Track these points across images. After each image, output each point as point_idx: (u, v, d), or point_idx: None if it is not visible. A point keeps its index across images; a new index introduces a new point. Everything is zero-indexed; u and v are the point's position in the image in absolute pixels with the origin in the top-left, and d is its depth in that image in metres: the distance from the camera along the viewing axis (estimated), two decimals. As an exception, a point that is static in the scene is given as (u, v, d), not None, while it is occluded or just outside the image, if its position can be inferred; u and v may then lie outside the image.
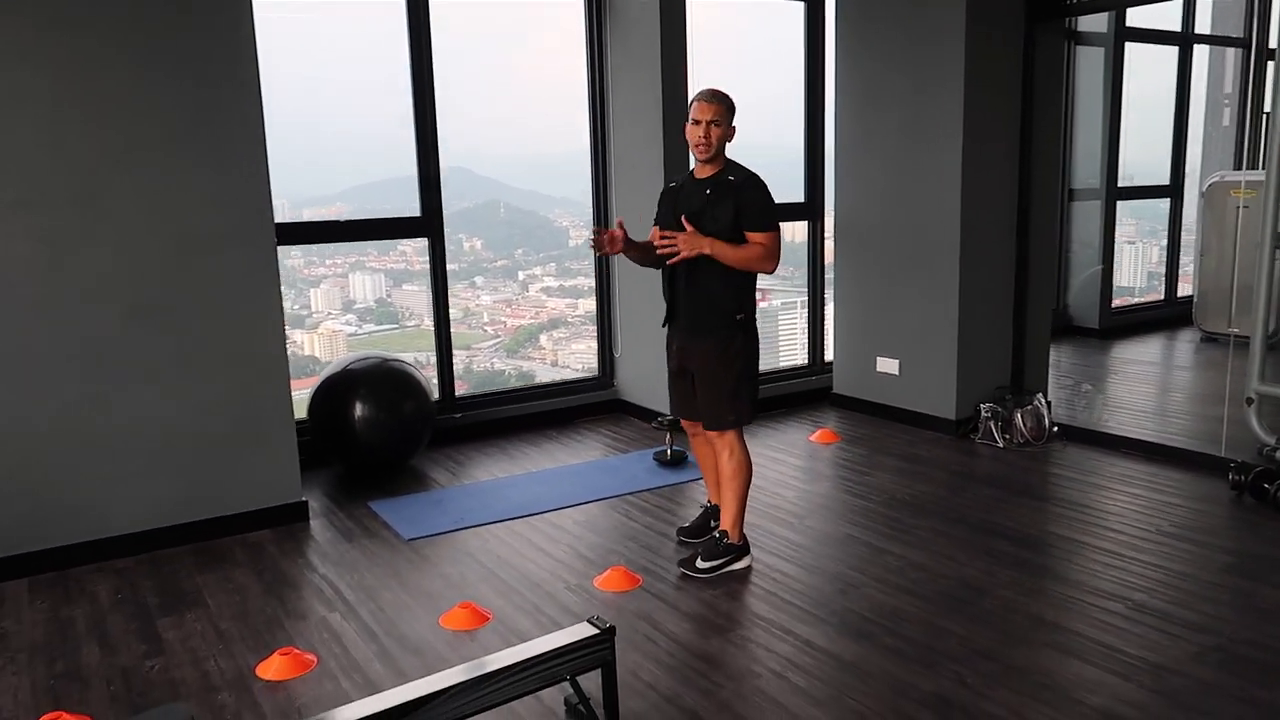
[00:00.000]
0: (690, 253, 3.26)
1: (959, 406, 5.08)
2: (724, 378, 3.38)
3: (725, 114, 3.31)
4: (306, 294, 5.58)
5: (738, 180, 3.33)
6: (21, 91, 3.35)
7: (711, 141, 3.30)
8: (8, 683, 2.79)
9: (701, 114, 3.30)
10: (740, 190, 3.31)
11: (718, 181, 3.34)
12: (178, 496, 3.77)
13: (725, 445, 3.44)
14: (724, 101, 3.32)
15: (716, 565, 3.40)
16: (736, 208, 3.30)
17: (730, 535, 3.45)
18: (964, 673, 2.70)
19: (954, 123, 4.85)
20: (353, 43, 5.02)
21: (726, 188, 3.32)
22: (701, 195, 3.36)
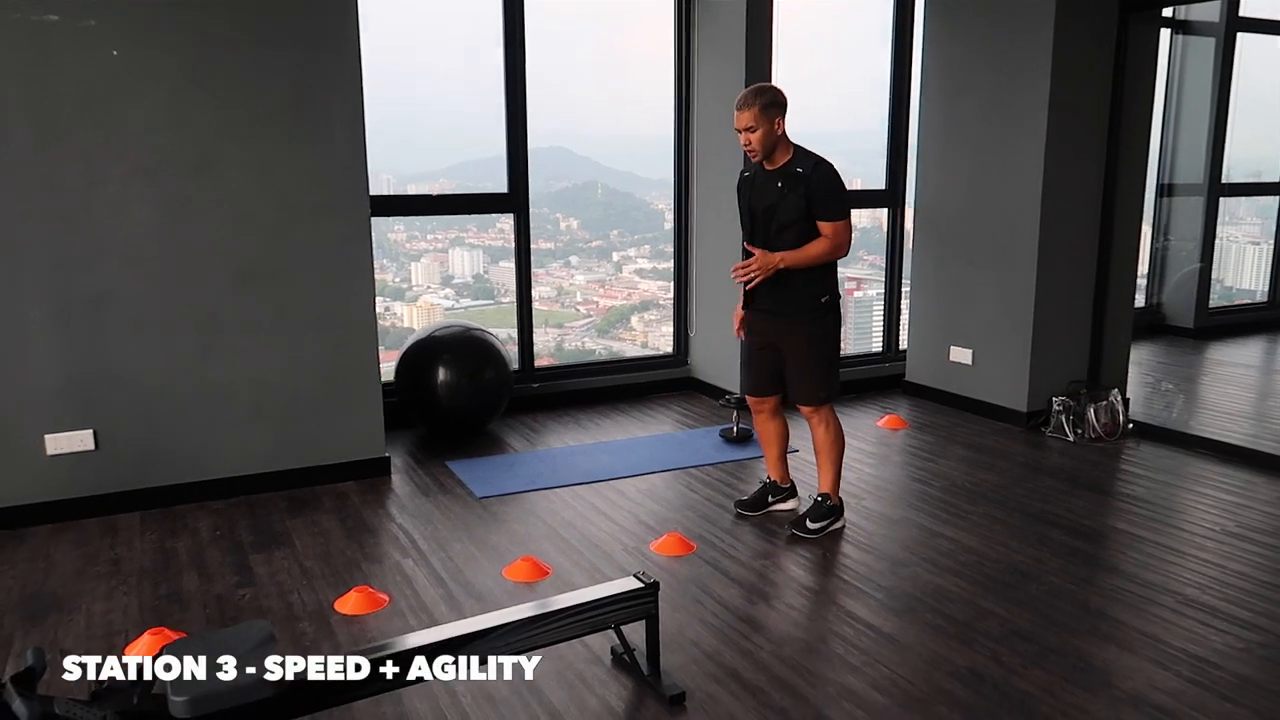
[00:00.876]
0: (768, 274, 3.41)
1: (1031, 399, 5.06)
2: (815, 358, 3.53)
3: (761, 116, 3.33)
4: (408, 267, 5.85)
5: (806, 170, 3.39)
6: (151, 69, 3.66)
7: (756, 147, 3.37)
8: (119, 600, 3.11)
9: (738, 123, 3.37)
10: (810, 181, 3.38)
11: (787, 173, 3.42)
12: (272, 446, 4.07)
13: (820, 420, 3.63)
14: (756, 103, 3.33)
15: (824, 525, 3.63)
16: (808, 198, 3.37)
17: (832, 497, 3.67)
18: (1000, 651, 2.77)
19: (1039, 113, 4.81)
20: (462, 26, 5.23)
21: (797, 179, 3.39)
22: (773, 188, 3.44)
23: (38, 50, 3.50)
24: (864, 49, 6.02)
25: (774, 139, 3.38)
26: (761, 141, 3.37)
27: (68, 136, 3.58)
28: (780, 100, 3.39)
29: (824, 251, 3.41)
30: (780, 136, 3.40)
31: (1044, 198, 4.85)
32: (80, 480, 3.79)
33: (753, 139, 3.36)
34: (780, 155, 3.43)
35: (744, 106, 3.35)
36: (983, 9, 5.11)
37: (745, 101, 3.35)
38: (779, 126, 3.38)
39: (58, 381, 3.69)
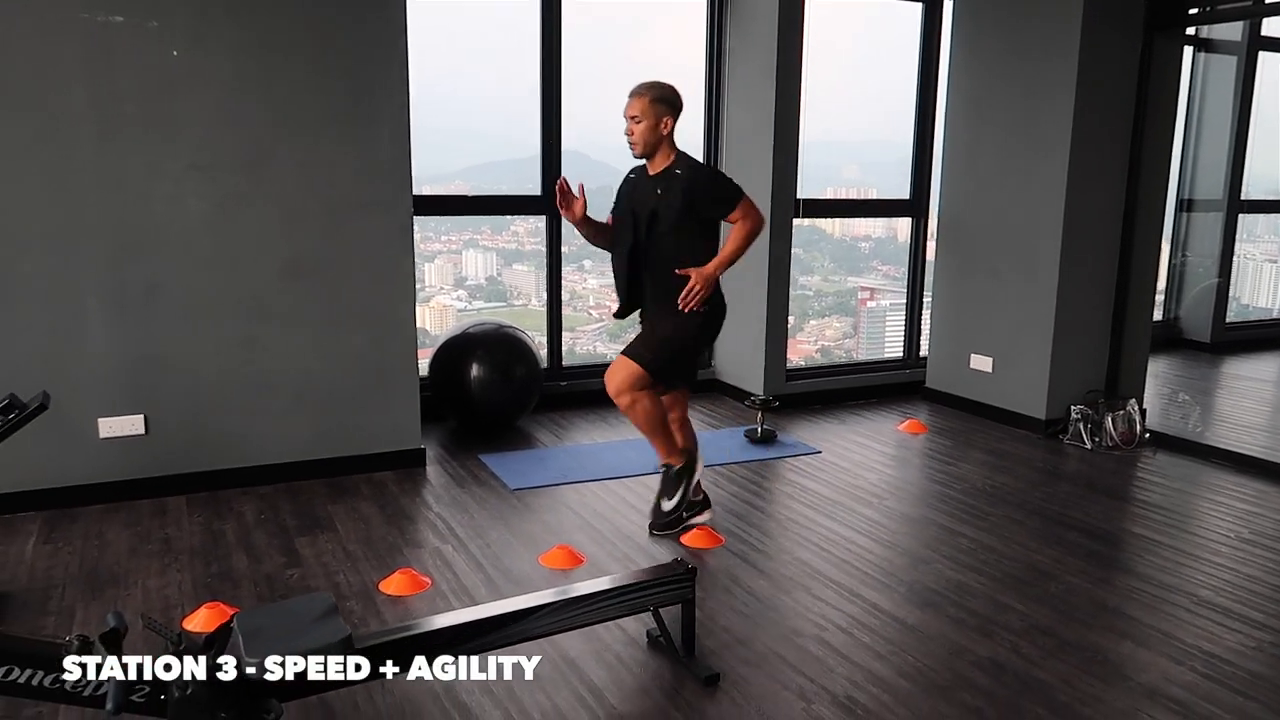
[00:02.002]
0: (710, 285, 3.41)
1: (1050, 407, 5.16)
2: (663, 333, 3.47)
3: (650, 108, 3.24)
4: (421, 268, 5.96)
5: (684, 172, 3.31)
6: (209, 69, 3.81)
7: (637, 139, 3.28)
8: (173, 577, 3.26)
9: (626, 110, 3.27)
10: (689, 181, 3.29)
11: (666, 177, 3.33)
12: (314, 435, 4.21)
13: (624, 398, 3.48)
14: (648, 94, 3.24)
15: (680, 494, 3.60)
16: (689, 199, 3.29)
17: (675, 461, 3.60)
18: (1020, 644, 2.89)
19: (1063, 128, 4.92)
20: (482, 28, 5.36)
21: (674, 181, 3.32)
22: (653, 194, 3.36)
23: (103, 49, 3.65)
24: (891, 59, 6.14)
25: (658, 136, 3.29)
26: (644, 135, 3.28)
27: (128, 132, 3.73)
28: (673, 99, 3.30)
29: (745, 236, 3.35)
30: (665, 137, 3.31)
31: (1066, 210, 4.96)
32: (131, 463, 3.93)
33: (636, 130, 3.27)
34: (662, 159, 3.35)
35: (635, 94, 3.26)
36: (1010, 23, 5.23)
37: (637, 89, 3.27)
38: (665, 126, 3.29)
39: (112, 367, 3.84)
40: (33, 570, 3.28)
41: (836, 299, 6.90)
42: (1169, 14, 4.93)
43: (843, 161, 6.64)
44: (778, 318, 5.51)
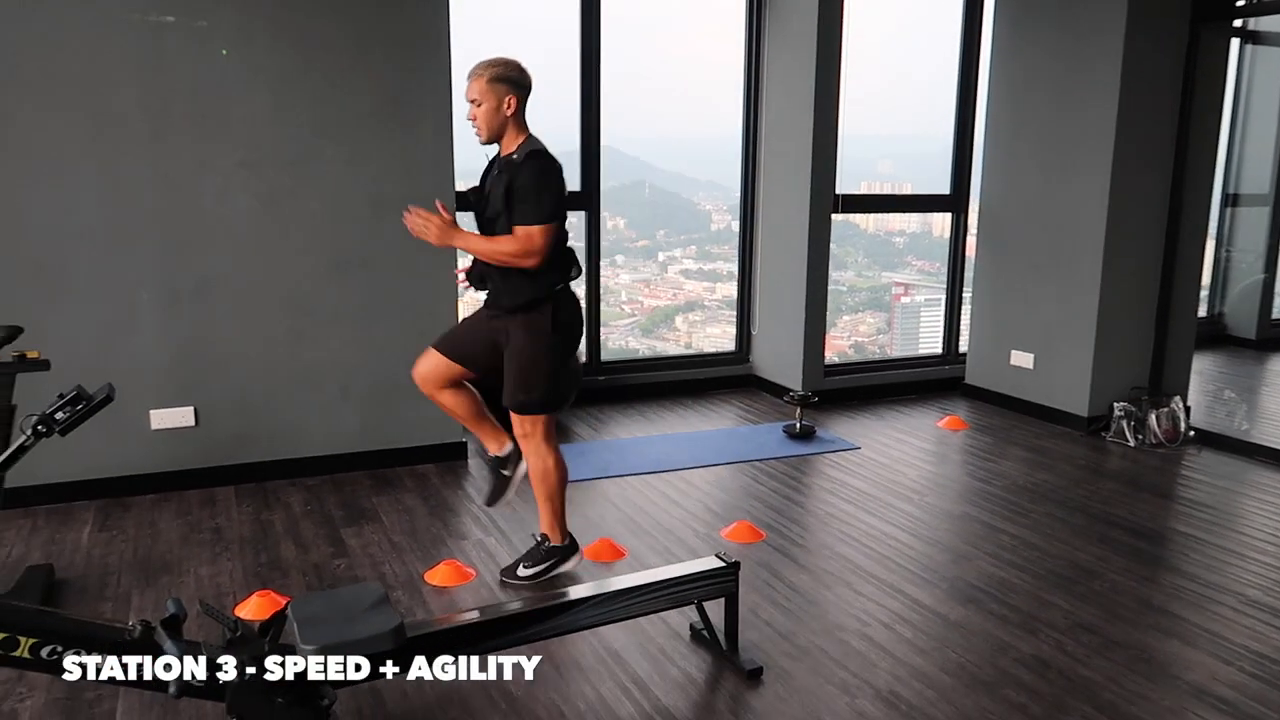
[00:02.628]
0: (439, 243, 3.01)
1: (1092, 404, 5.11)
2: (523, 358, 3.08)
3: (489, 89, 2.90)
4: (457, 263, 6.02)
5: (519, 158, 2.95)
6: (256, 67, 3.88)
7: (480, 124, 2.95)
8: (224, 566, 3.33)
9: (466, 94, 2.96)
10: (516, 171, 2.93)
11: (506, 161, 2.99)
12: (358, 428, 4.28)
13: (529, 447, 3.19)
14: (485, 74, 2.92)
15: (541, 570, 3.22)
16: (508, 191, 2.93)
17: (551, 537, 3.24)
18: (1065, 641, 2.87)
19: (1107, 121, 4.87)
20: (522, 22, 5.39)
21: (507, 165, 2.98)
22: (494, 175, 3.05)
23: (155, 49, 3.73)
24: (930, 52, 6.11)
25: (501, 119, 2.94)
26: (486, 119, 2.93)
27: (178, 130, 3.81)
28: (515, 77, 2.95)
29: (507, 253, 2.94)
30: (509, 118, 2.96)
31: (1110, 204, 4.91)
32: (181, 454, 4.02)
33: (477, 114, 2.94)
34: (510, 142, 2.99)
35: (472, 76, 2.93)
36: (1053, 18, 5.17)
37: (474, 71, 2.94)
38: (509, 106, 2.93)
39: (163, 360, 3.93)
40: (89, 557, 3.37)
41: (870, 294, 6.87)
42: (1216, 6, 4.85)
43: (877, 155, 6.61)
44: (816, 314, 5.50)
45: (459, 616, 2.47)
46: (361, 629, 2.13)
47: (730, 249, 6.12)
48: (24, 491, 3.66)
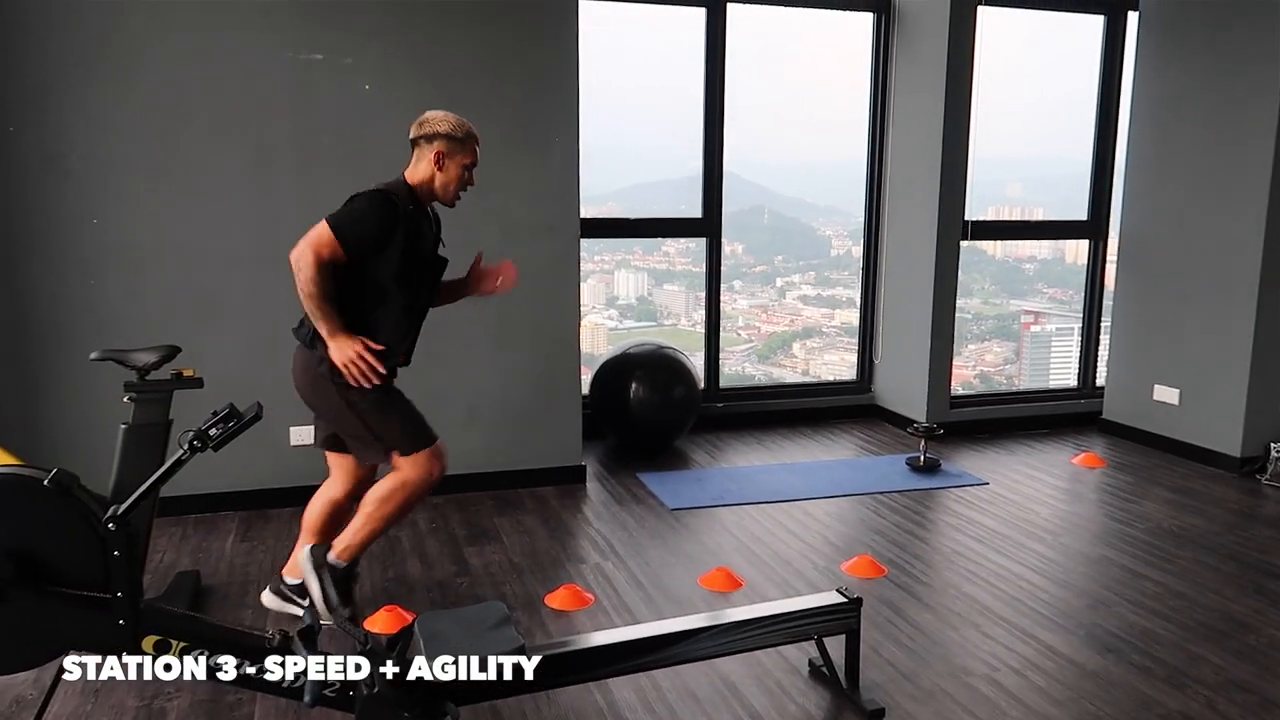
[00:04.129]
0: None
1: (1245, 443, 4.78)
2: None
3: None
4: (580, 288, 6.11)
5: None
6: (396, 100, 4.06)
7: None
8: (354, 579, 3.45)
9: (476, 157, 3.17)
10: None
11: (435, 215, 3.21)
12: (481, 449, 4.38)
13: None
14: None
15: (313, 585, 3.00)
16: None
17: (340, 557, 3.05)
18: (1216, 699, 2.68)
19: (1265, 140, 4.57)
20: (644, 54, 5.47)
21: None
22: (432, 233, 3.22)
23: (304, 84, 3.96)
24: (1064, 72, 5.89)
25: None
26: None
27: (324, 161, 4.02)
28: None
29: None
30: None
31: (1267, 232, 4.60)
32: (317, 470, 4.17)
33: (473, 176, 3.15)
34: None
35: (478, 141, 3.12)
36: (1202, 33, 4.91)
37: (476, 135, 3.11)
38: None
39: (303, 380, 4.12)
40: (232, 565, 3.56)
41: (997, 322, 6.64)
42: (1391, 18, 4.51)
43: (1006, 178, 6.40)
44: (942, 343, 5.34)
45: (578, 640, 2.49)
46: (485, 647, 2.18)
47: (850, 275, 6.03)
48: (175, 501, 3.90)
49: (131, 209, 3.87)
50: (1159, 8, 5.17)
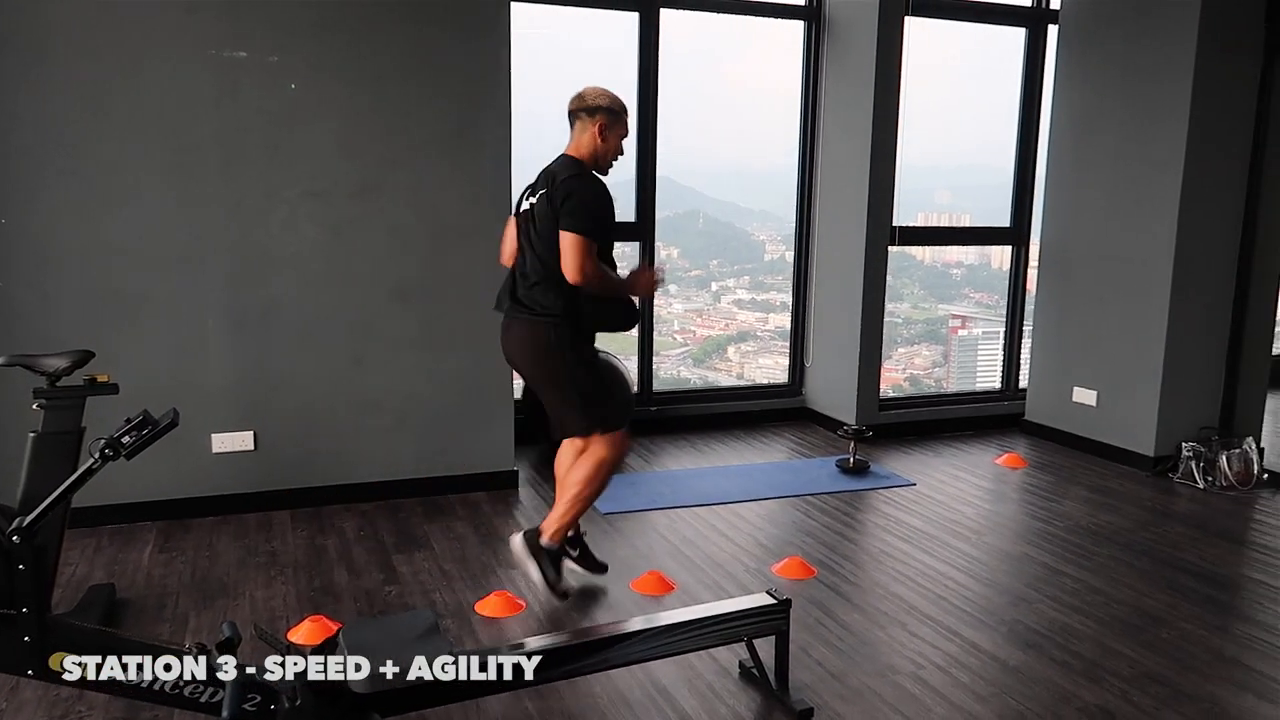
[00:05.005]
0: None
1: (1159, 443, 4.96)
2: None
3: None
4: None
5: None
6: (324, 101, 3.99)
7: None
8: (278, 589, 3.37)
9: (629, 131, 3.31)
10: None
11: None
12: (413, 454, 4.32)
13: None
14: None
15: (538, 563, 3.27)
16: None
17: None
18: (1130, 691, 2.77)
19: (1176, 151, 4.76)
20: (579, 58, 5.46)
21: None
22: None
23: (229, 83, 3.86)
24: (990, 83, 6.05)
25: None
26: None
27: (249, 161, 3.93)
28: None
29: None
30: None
31: (1179, 239, 4.78)
32: (240, 477, 4.10)
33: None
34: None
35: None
36: (1119, 46, 5.09)
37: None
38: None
39: (227, 384, 4.02)
40: (149, 578, 3.45)
41: (926, 326, 6.78)
42: (1291, 36, 4.73)
43: (935, 186, 6.55)
44: (871, 347, 5.43)
45: (506, 648, 2.46)
46: (411, 657, 2.14)
47: (783, 279, 6.09)
48: (89, 511, 3.77)
49: (43, 208, 3.72)
50: (1077, 23, 5.35)
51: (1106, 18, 5.16)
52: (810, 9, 5.58)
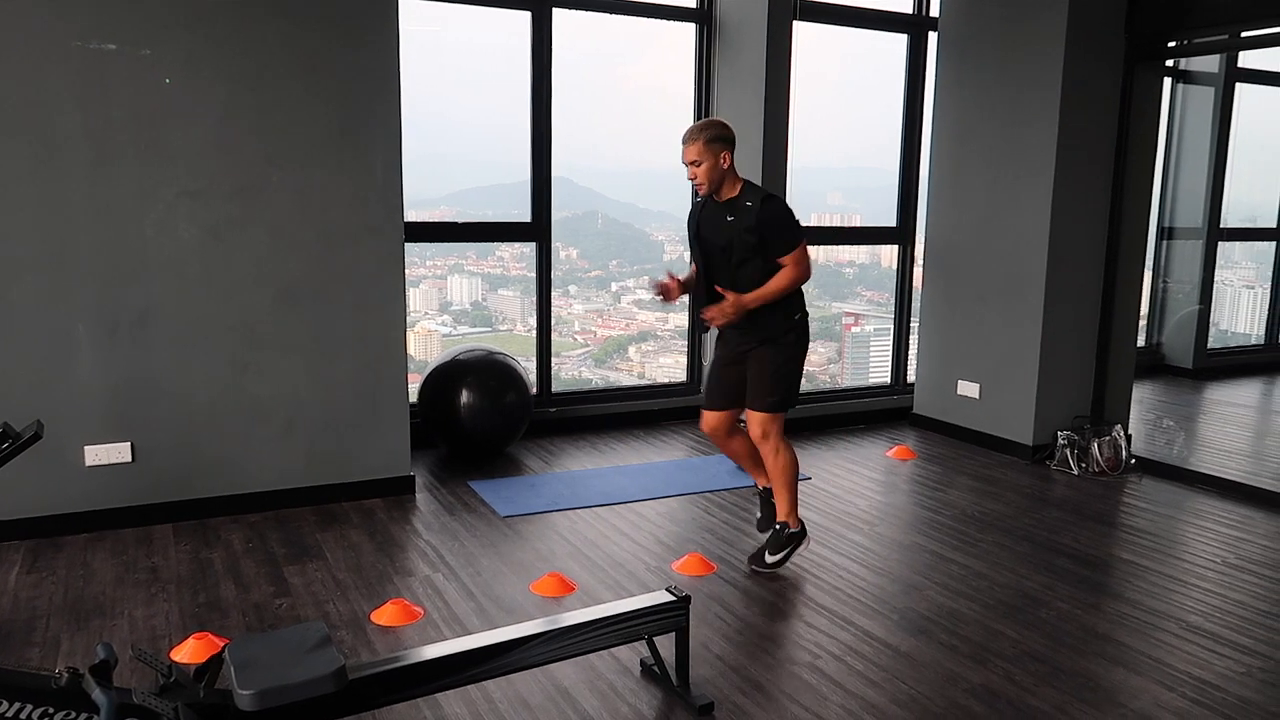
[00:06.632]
0: (738, 317, 3.46)
1: (1036, 433, 5.20)
2: (774, 366, 3.55)
3: (705, 149, 3.36)
4: (406, 293, 5.96)
5: (755, 204, 3.41)
6: (201, 97, 3.83)
7: (702, 180, 3.41)
8: (160, 607, 3.22)
9: (685, 156, 3.41)
10: (760, 215, 3.39)
11: (737, 207, 3.44)
12: (303, 462, 4.19)
13: (770, 446, 3.58)
14: (701, 137, 3.37)
15: (785, 554, 3.62)
16: (760, 233, 3.40)
17: (791, 524, 3.64)
18: (1013, 671, 2.89)
19: (1047, 156, 5.00)
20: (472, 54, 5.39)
21: (746, 212, 3.42)
22: (724, 221, 3.48)
23: (97, 77, 3.66)
24: (877, 87, 6.22)
25: (720, 173, 3.41)
26: (708, 175, 3.40)
27: (121, 159, 3.74)
28: (727, 135, 3.42)
29: (787, 284, 3.46)
30: (727, 170, 3.43)
31: (1051, 238, 5.03)
32: (116, 491, 3.90)
33: (699, 173, 3.40)
34: (728, 189, 3.46)
35: (690, 140, 3.39)
36: (993, 54, 5.31)
37: (691, 135, 3.39)
38: (725, 160, 3.40)
39: (100, 394, 3.82)
40: (16, 600, 3.24)
41: (821, 325, 6.93)
42: (1149, 46, 5.02)
43: (827, 188, 6.71)
44: (766, 344, 5.52)
45: (404, 656, 2.41)
46: (301, 672, 2.07)
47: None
48: (-51, 532, 3.53)
49: (-111, 208, 3.47)
50: (954, 31, 5.56)
51: (980, 26, 5.39)
52: (701, 12, 5.65)
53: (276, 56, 3.92)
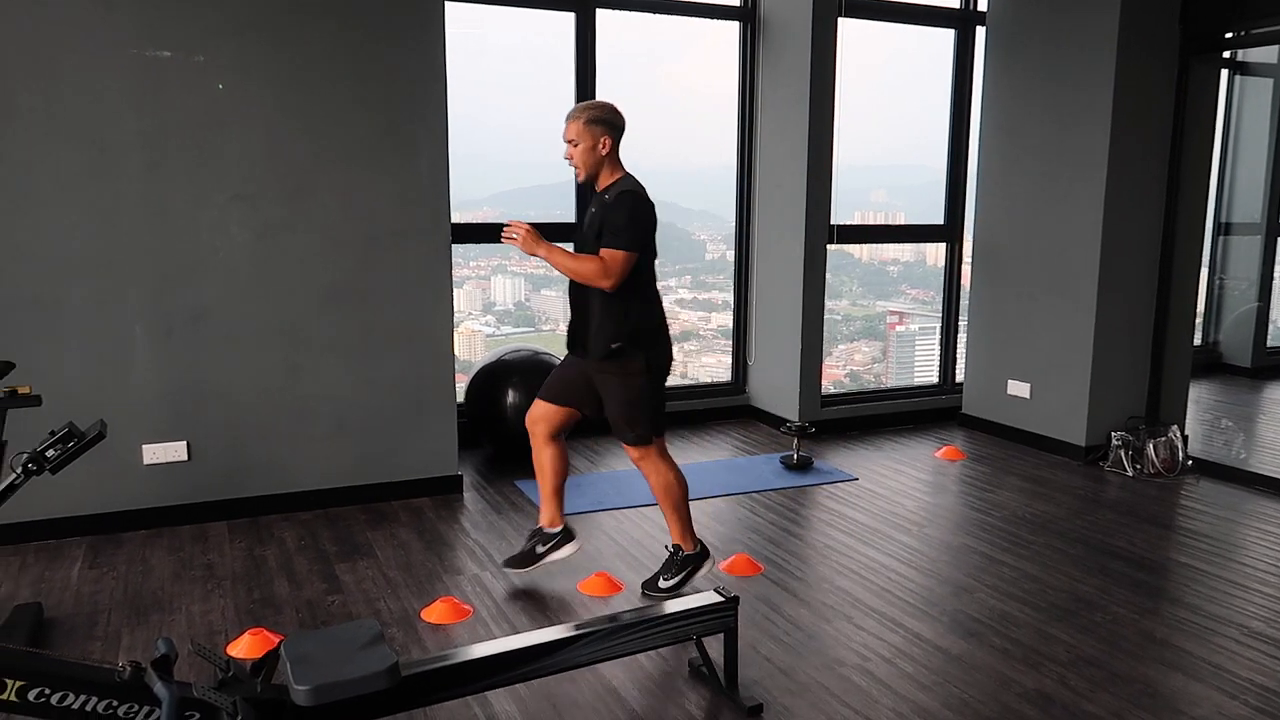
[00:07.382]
0: (527, 249, 3.20)
1: (1089, 433, 5.10)
2: (619, 397, 3.28)
3: (585, 129, 3.16)
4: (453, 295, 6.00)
5: (612, 197, 3.19)
6: (252, 101, 3.89)
7: (576, 162, 3.21)
8: (216, 603, 3.28)
9: (564, 135, 3.22)
10: (609, 206, 3.18)
11: (600, 198, 3.25)
12: (353, 461, 4.24)
13: (647, 467, 3.38)
14: (582, 116, 3.18)
15: (681, 580, 3.37)
16: (601, 222, 3.18)
17: (685, 547, 3.40)
18: (1068, 675, 2.84)
19: (1099, 152, 4.90)
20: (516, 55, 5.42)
21: (601, 203, 3.23)
22: (590, 211, 3.31)
23: (152, 84, 3.74)
24: (923, 83, 6.15)
25: (597, 158, 3.19)
26: (582, 157, 3.18)
27: (175, 163, 3.82)
28: (611, 120, 3.21)
29: (588, 271, 3.16)
30: (605, 157, 3.21)
31: (1104, 234, 4.93)
32: (173, 489, 3.98)
33: (574, 153, 3.19)
34: (605, 178, 3.24)
35: (571, 118, 3.20)
36: (1043, 49, 5.22)
37: (573, 114, 3.20)
38: (604, 145, 3.18)
39: (157, 394, 3.90)
40: (79, 595, 3.33)
41: (865, 323, 6.88)
42: (1205, 38, 4.90)
43: (870, 185, 6.65)
44: (812, 344, 5.49)
45: (455, 654, 2.43)
46: (355, 668, 2.10)
47: (724, 278, 6.13)
48: (13, 528, 3.64)
49: (-43, 214, 3.58)
50: (1003, 25, 5.48)
51: (1030, 20, 5.30)
52: (745, 10, 5.62)
53: (324, 61, 3.98)
